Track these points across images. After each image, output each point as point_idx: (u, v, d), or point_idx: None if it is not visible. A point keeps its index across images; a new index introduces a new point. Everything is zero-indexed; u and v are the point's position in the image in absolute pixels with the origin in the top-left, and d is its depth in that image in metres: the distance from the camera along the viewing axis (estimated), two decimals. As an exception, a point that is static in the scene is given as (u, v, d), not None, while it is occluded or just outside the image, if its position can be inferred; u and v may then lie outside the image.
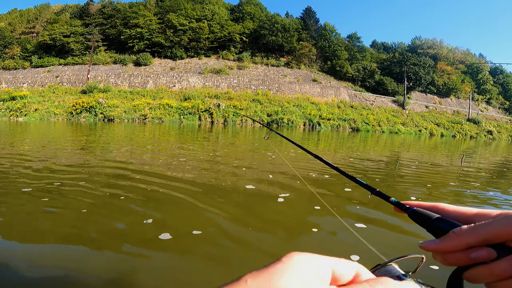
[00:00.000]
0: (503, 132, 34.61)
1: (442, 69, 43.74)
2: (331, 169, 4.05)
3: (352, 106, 28.98)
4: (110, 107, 22.74)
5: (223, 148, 6.50)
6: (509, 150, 14.96)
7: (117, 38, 36.35)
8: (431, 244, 0.30)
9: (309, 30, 40.84)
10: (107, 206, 2.31)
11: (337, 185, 3.34)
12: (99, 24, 37.71)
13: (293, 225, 2.09)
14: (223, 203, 2.48)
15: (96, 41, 35.20)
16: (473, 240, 0.27)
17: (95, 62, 33.09)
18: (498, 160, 8.65)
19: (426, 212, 0.34)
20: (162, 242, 1.70)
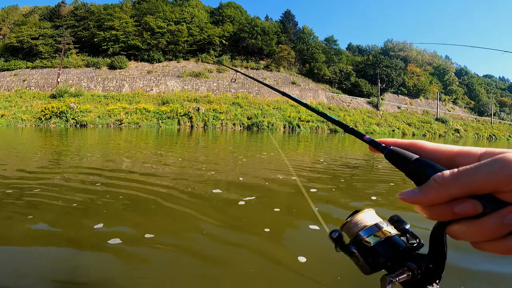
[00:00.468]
0: (469, 130, 37.35)
1: (412, 70, 46.43)
2: (301, 171, 4.20)
3: (330, 108, 29.88)
4: (82, 112, 21.72)
5: (195, 153, 6.46)
6: (476, 146, 16.15)
7: (90, 40, 34.85)
8: (411, 195, 0.26)
9: (288, 33, 41.63)
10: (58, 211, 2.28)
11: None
12: (71, 26, 36.01)
13: (243, 226, 2.16)
14: (197, 205, 2.51)
15: (67, 43, 33.52)
16: (457, 191, 0.23)
17: (66, 65, 31.49)
18: None
19: (405, 152, 0.29)
20: (111, 246, 1.69)
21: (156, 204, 2.50)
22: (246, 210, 2.43)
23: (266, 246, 1.76)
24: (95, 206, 2.41)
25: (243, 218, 2.28)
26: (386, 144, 0.32)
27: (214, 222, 2.12)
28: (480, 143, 22.85)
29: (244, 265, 1.49)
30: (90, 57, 33.15)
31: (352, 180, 4.10)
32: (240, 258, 1.64)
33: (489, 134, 37.70)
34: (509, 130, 44.28)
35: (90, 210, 2.32)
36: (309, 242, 1.90)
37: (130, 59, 33.89)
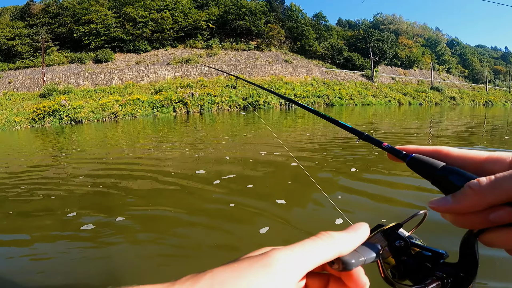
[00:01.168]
0: (465, 97, 37.56)
1: (403, 43, 46.08)
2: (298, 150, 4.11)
3: (324, 83, 29.61)
4: (75, 109, 21.34)
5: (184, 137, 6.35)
6: (473, 113, 16.27)
7: (70, 36, 33.62)
8: (444, 204, 0.24)
9: (276, 12, 40.68)
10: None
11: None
12: (46, 23, 34.59)
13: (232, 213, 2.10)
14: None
15: (46, 41, 32.36)
16: (495, 198, 0.22)
17: (49, 63, 30.53)
18: (465, 121, 9.35)
19: (429, 159, 0.27)
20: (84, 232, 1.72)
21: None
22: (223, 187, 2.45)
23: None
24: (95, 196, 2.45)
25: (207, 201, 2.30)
26: (408, 151, 0.30)
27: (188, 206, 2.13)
28: (476, 109, 23.03)
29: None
30: (73, 53, 32.14)
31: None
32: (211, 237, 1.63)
33: (485, 101, 38.03)
34: (505, 96, 44.67)
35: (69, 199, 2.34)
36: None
37: (116, 52, 32.91)
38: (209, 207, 2.17)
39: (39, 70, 29.33)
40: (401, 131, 6.40)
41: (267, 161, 3.36)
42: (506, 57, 71.07)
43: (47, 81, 27.59)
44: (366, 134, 0.37)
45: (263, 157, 3.66)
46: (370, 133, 4.85)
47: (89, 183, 2.86)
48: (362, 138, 0.37)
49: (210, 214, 2.03)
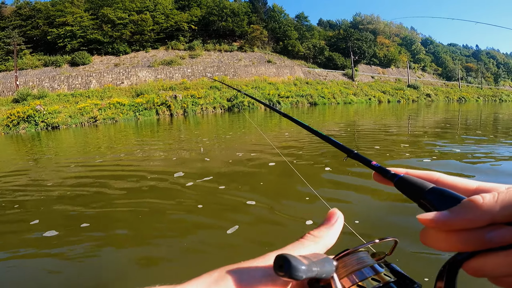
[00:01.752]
0: (440, 94, 39.55)
1: (381, 42, 47.83)
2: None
3: (307, 83, 30.16)
4: (51, 114, 20.45)
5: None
6: (447, 109, 17.18)
7: (43, 39, 32.13)
8: (438, 217, 0.22)
9: (259, 13, 40.88)
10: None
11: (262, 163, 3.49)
12: (18, 26, 32.87)
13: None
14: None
15: (18, 44, 30.76)
16: (498, 213, 0.20)
17: (22, 67, 29.03)
18: (440, 118, 9.90)
19: (418, 180, 0.26)
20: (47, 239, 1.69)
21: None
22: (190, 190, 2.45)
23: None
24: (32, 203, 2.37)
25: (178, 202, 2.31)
26: (397, 173, 0.28)
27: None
28: (451, 105, 24.30)
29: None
30: (46, 56, 30.68)
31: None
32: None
33: (459, 97, 40.21)
34: (477, 92, 47.45)
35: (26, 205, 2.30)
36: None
37: (93, 54, 31.76)
38: (180, 208, 2.16)
39: (11, 74, 27.82)
40: (381, 128, 6.71)
41: (246, 161, 3.41)
42: (476, 54, 75.09)
43: (20, 86, 26.24)
44: (355, 152, 0.36)
45: (241, 157, 3.72)
46: (353, 132, 5.05)
47: (60, 189, 2.79)
48: (351, 156, 0.37)
49: (181, 216, 2.03)
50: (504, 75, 69.30)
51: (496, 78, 66.02)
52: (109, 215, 2.02)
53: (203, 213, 1.99)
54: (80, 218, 1.94)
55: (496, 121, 8.37)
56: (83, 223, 1.83)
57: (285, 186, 2.56)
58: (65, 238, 1.66)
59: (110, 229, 1.78)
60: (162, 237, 1.67)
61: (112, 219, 1.92)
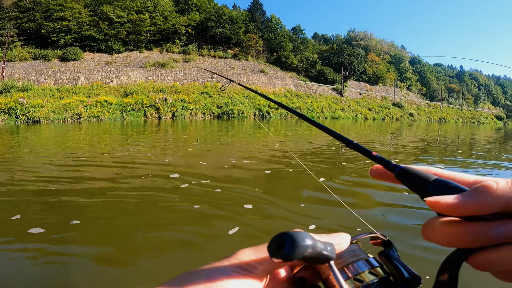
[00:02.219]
0: (422, 114, 41.21)
1: (372, 59, 49.50)
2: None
3: (297, 95, 30.78)
4: (33, 108, 19.93)
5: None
6: (428, 128, 17.98)
7: (37, 32, 31.53)
8: (452, 200, 0.21)
9: (256, 22, 41.51)
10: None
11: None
12: (14, 18, 32.22)
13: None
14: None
15: (11, 36, 30.10)
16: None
17: (10, 58, 28.29)
18: (421, 136, 10.45)
19: (421, 172, 0.26)
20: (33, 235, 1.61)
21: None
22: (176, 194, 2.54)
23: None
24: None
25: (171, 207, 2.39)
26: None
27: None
28: (431, 125, 25.32)
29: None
30: (37, 50, 30.02)
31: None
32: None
33: (439, 118, 42.00)
34: (457, 113, 49.76)
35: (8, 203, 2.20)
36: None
37: (85, 50, 31.27)
38: (174, 209, 2.15)
39: (-2, 64, 27.04)
40: (366, 143, 7.06)
41: (242, 167, 3.46)
42: (460, 75, 78.65)
43: (5, 77, 25.48)
44: (355, 143, 0.36)
45: (235, 163, 3.79)
46: (338, 148, 5.29)
47: (40, 185, 2.70)
48: (350, 146, 0.36)
49: (173, 217, 2.02)
50: (484, 97, 72.99)
51: (476, 100, 69.49)
52: (101, 213, 1.98)
53: (199, 214, 2.02)
54: (69, 216, 1.89)
55: (473, 142, 8.95)
56: (73, 220, 1.79)
57: (285, 190, 2.62)
58: (52, 236, 1.61)
59: (103, 228, 1.74)
60: (155, 236, 1.66)
61: (104, 219, 1.89)
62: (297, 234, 0.19)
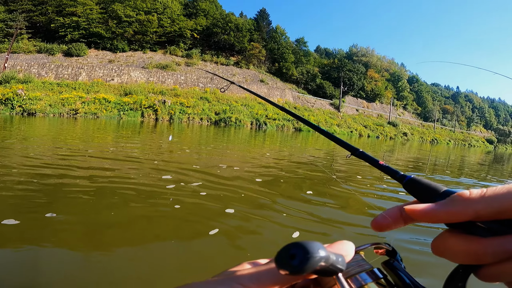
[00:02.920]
0: (415, 134, 41.90)
1: (371, 76, 50.23)
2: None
3: (295, 107, 31.20)
4: (31, 100, 19.99)
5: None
6: (420, 148, 18.36)
7: (46, 26, 31.90)
8: (423, 208, 0.22)
9: (261, 32, 42.16)
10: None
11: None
12: (27, 10, 32.60)
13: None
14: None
15: (20, 28, 30.40)
16: (484, 208, 0.20)
17: (15, 50, 28.49)
18: (413, 155, 10.77)
19: (430, 182, 0.25)
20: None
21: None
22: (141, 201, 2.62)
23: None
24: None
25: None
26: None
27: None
28: (423, 145, 25.75)
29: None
30: (43, 43, 30.28)
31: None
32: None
33: (432, 138, 42.70)
34: (449, 135, 50.67)
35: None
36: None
37: (90, 47, 31.55)
38: (155, 208, 2.14)
39: (2, 56, 27.27)
40: (356, 160, 7.25)
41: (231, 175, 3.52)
42: (456, 96, 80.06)
43: (7, 68, 25.60)
44: (361, 151, 0.35)
45: (225, 170, 3.85)
46: (331, 161, 5.48)
47: (20, 177, 2.62)
48: (356, 154, 0.35)
49: (154, 215, 2.02)
50: (477, 120, 74.48)
51: (469, 123, 70.86)
52: (77, 208, 1.94)
53: (181, 214, 2.03)
54: (46, 208, 1.85)
55: (462, 164, 9.27)
56: (49, 212, 1.74)
57: (267, 199, 2.62)
58: (27, 228, 1.55)
59: (75, 223, 1.68)
60: (135, 236, 1.63)
61: (80, 214, 1.83)
62: (310, 244, 0.18)
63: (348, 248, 0.24)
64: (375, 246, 0.27)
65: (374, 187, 3.60)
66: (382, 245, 0.27)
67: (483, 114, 78.22)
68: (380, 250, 0.27)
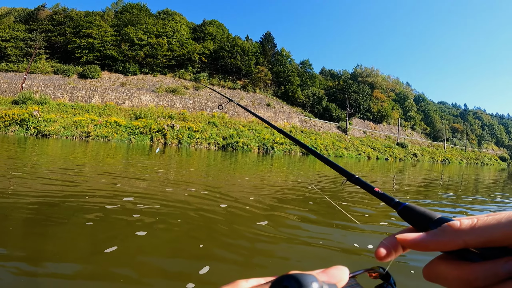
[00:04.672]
0: (426, 154, 41.15)
1: (377, 96, 50.19)
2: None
3: (302, 131, 31.24)
4: (45, 121, 20.64)
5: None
6: (431, 169, 17.96)
7: (64, 46, 33.64)
8: (415, 237, 0.23)
9: (267, 55, 43.23)
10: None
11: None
12: (46, 30, 34.72)
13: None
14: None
15: (39, 48, 32.09)
16: (473, 239, 0.21)
17: (33, 70, 29.82)
18: (424, 176, 10.55)
19: (424, 210, 0.26)
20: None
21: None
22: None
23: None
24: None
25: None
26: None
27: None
28: (435, 166, 25.19)
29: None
30: (60, 64, 31.77)
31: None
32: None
33: (443, 158, 41.81)
34: (460, 154, 49.59)
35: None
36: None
37: (104, 69, 32.89)
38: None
39: (20, 75, 28.62)
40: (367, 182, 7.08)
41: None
42: (464, 114, 79.15)
43: (25, 88, 26.66)
44: (357, 177, 0.35)
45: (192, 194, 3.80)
46: (339, 184, 5.32)
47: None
48: (352, 181, 0.35)
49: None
50: (487, 138, 72.93)
51: (480, 141, 69.41)
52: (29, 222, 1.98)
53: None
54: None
55: (476, 184, 8.97)
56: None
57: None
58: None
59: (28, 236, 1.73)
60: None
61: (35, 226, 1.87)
62: (303, 277, 0.18)
63: (343, 274, 0.24)
64: (369, 270, 0.27)
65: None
66: (376, 269, 0.27)
67: (493, 131, 76.89)
68: (374, 274, 0.28)
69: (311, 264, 1.83)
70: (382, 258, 0.26)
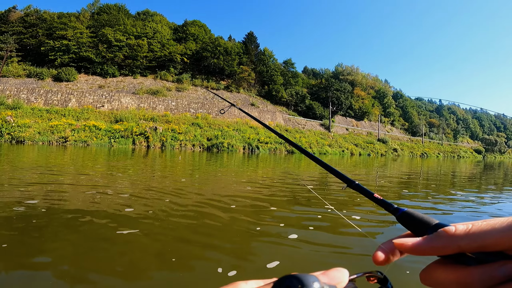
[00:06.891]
0: (405, 149, 42.91)
1: (357, 94, 51.76)
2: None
3: (287, 130, 31.63)
4: (20, 127, 19.68)
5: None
6: (411, 164, 18.63)
7: (36, 49, 32.08)
8: (412, 242, 0.24)
9: (250, 55, 43.25)
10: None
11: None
12: (17, 32, 32.89)
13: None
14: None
15: (10, 50, 30.35)
16: (467, 244, 0.22)
17: (4, 74, 28.20)
18: (405, 171, 10.96)
19: (423, 215, 0.26)
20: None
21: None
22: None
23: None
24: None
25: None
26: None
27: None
28: (414, 160, 26.15)
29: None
30: (33, 67, 30.22)
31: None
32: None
33: (421, 152, 43.77)
34: (438, 148, 52.11)
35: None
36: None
37: (80, 72, 31.63)
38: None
39: (-11, 80, 26.87)
40: (352, 177, 7.29)
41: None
42: (439, 109, 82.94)
43: (-6, 93, 25.20)
44: (357, 183, 0.35)
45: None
46: (325, 182, 5.39)
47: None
48: (352, 187, 0.36)
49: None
50: (462, 132, 76.83)
51: (455, 135, 73.15)
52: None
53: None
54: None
55: (453, 177, 9.44)
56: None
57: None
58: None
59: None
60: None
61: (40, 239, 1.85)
62: (305, 277, 0.18)
63: (343, 276, 0.24)
64: (367, 274, 0.28)
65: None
66: (373, 273, 0.28)
67: (467, 125, 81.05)
68: (372, 279, 0.28)
69: (309, 267, 1.80)
70: (379, 263, 0.26)
